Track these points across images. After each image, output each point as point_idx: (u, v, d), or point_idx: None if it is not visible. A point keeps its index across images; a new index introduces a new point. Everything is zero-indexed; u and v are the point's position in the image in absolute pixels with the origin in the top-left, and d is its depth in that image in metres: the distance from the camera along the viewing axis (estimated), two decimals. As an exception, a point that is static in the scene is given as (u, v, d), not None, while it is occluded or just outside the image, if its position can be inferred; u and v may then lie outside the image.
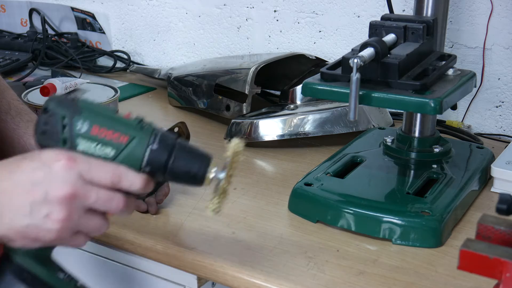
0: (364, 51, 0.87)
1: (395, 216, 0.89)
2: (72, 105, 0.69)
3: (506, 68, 1.27)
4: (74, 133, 0.68)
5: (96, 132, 0.68)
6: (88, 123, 0.68)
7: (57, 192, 0.67)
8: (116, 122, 0.69)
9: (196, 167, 0.71)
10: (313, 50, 1.46)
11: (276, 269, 0.83)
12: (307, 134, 1.18)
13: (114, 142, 0.68)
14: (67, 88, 1.21)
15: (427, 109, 0.87)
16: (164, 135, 0.71)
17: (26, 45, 1.72)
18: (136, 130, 0.69)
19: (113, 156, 0.69)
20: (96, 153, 0.69)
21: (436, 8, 1.04)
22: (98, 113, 0.69)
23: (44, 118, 0.69)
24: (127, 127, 0.69)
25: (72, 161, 0.67)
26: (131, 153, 0.69)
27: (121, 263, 0.95)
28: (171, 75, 1.46)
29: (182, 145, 0.71)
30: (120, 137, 0.68)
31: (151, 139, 0.69)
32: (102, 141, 0.68)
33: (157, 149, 0.69)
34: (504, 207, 0.61)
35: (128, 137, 0.69)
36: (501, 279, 0.59)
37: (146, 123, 0.71)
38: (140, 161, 0.69)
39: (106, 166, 0.69)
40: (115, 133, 0.68)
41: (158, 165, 0.69)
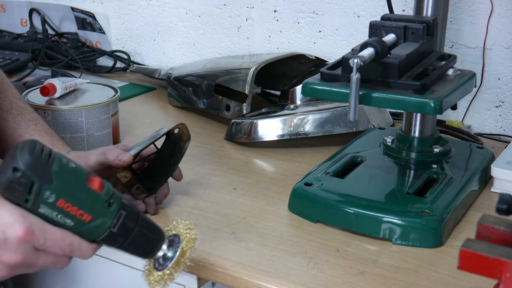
0: (364, 51, 0.87)
1: (395, 216, 0.89)
2: (45, 172, 0.67)
3: (506, 68, 1.27)
4: (39, 199, 0.67)
5: (61, 206, 0.68)
6: (55, 196, 0.67)
7: (6, 259, 0.68)
8: (85, 199, 0.69)
9: (147, 250, 0.74)
10: (313, 50, 1.46)
11: (276, 269, 0.83)
12: (307, 134, 1.18)
13: (77, 218, 0.69)
14: (67, 88, 1.21)
15: (427, 109, 0.87)
16: (128, 217, 0.71)
17: (26, 45, 1.72)
18: (102, 210, 0.70)
19: (71, 227, 0.69)
20: (55, 220, 0.68)
21: (436, 8, 1.04)
22: (69, 186, 0.68)
23: (11, 177, 0.66)
24: (94, 207, 0.69)
25: (29, 235, 0.67)
26: (90, 230, 0.70)
27: (121, 263, 0.95)
28: (171, 75, 1.46)
29: (141, 229, 0.72)
30: (84, 215, 0.69)
31: (113, 222, 0.70)
32: (64, 214, 0.68)
33: (116, 232, 0.70)
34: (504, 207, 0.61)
35: (92, 217, 0.69)
36: (501, 279, 0.59)
37: (114, 200, 0.71)
38: (96, 238, 0.71)
39: (61, 239, 0.69)
40: (80, 210, 0.68)
41: (113, 243, 0.71)
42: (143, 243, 0.73)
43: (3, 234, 0.67)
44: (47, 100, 1.16)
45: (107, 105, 1.17)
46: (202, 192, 1.02)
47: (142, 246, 0.73)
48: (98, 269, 0.99)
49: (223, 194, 1.03)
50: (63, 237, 0.69)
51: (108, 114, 1.17)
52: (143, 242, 0.73)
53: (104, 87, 1.26)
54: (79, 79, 1.31)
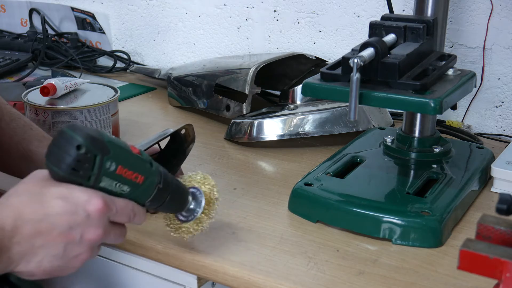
0: (364, 51, 0.87)
1: (395, 216, 0.89)
2: (102, 144, 0.70)
3: (506, 68, 1.27)
4: (102, 172, 0.70)
5: (120, 172, 0.71)
6: (115, 163, 0.71)
7: (91, 235, 0.71)
8: (136, 162, 0.73)
9: (182, 202, 0.81)
10: (313, 50, 1.46)
11: (276, 269, 0.83)
12: (307, 134, 1.18)
13: (132, 181, 0.73)
14: (67, 88, 1.21)
15: (427, 109, 0.87)
16: (166, 175, 0.77)
17: (26, 45, 1.72)
18: (148, 169, 0.74)
19: (128, 193, 0.73)
20: (114, 190, 0.72)
21: (436, 8, 1.04)
22: (122, 153, 0.72)
23: (76, 154, 0.68)
24: (143, 168, 0.74)
25: (106, 207, 0.71)
26: (143, 192, 0.74)
27: (121, 263, 0.95)
28: (171, 75, 1.46)
29: (175, 184, 0.79)
30: (138, 177, 0.73)
31: (158, 179, 0.75)
32: (123, 180, 0.72)
33: (162, 188, 0.76)
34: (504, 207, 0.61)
35: (144, 178, 0.74)
36: (501, 279, 0.59)
37: (153, 162, 0.76)
38: (147, 198, 0.75)
39: (126, 207, 0.74)
40: (135, 173, 0.73)
41: (159, 202, 0.77)
42: (179, 196, 0.79)
43: (84, 212, 0.69)
44: (47, 100, 1.16)
45: (107, 105, 1.17)
46: (202, 192, 1.02)
47: (179, 199, 0.79)
48: (98, 269, 0.99)
49: (223, 194, 1.02)
50: (126, 204, 0.73)
51: (108, 114, 1.17)
52: (179, 195, 0.79)
53: (104, 87, 1.26)
54: (79, 79, 1.31)
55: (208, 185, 0.83)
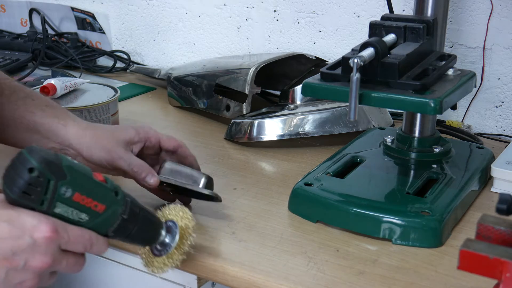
0: (364, 51, 0.87)
1: (395, 216, 0.89)
2: (58, 168, 0.67)
3: (506, 68, 1.27)
4: (56, 197, 0.67)
5: (77, 199, 0.69)
6: (71, 190, 0.68)
7: (37, 263, 0.68)
8: (96, 190, 0.70)
9: (151, 234, 0.77)
10: (313, 50, 1.46)
11: (276, 269, 0.83)
12: (307, 134, 1.18)
13: (91, 210, 0.70)
14: (67, 88, 1.21)
15: (427, 109, 0.87)
16: (133, 204, 0.74)
17: (26, 45, 1.73)
18: (111, 198, 0.71)
19: (87, 222, 0.70)
20: (70, 217, 0.69)
21: (436, 8, 1.04)
22: (81, 179, 0.69)
23: (28, 178, 0.65)
24: (105, 197, 0.71)
25: (55, 234, 0.68)
26: (104, 221, 0.71)
27: (121, 263, 0.95)
28: (171, 75, 1.46)
29: (145, 213, 0.75)
30: (98, 205, 0.70)
31: (122, 209, 0.72)
32: (80, 208, 0.69)
33: (127, 219, 0.73)
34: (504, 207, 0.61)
35: (105, 207, 0.71)
36: (501, 279, 0.59)
37: (117, 188, 0.73)
38: (108, 228, 0.72)
39: (81, 236, 0.70)
40: (94, 201, 0.70)
41: (123, 232, 0.73)
42: (148, 228, 0.76)
43: (30, 238, 0.66)
44: (47, 100, 1.16)
45: (107, 105, 1.17)
46: (202, 192, 1.02)
47: (147, 231, 0.76)
48: (98, 269, 0.99)
49: (223, 194, 1.02)
50: (82, 233, 0.70)
51: (108, 114, 1.17)
52: (148, 227, 0.76)
53: (104, 87, 1.26)
54: (79, 79, 1.31)
55: (186, 219, 0.79)
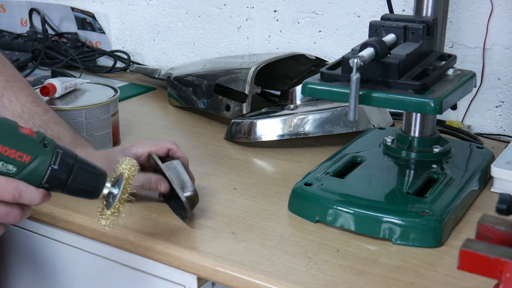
0: (364, 51, 0.87)
1: (395, 216, 0.89)
2: None
3: (506, 68, 1.27)
4: None
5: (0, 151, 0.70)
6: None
7: None
8: (20, 141, 0.72)
9: (93, 183, 0.75)
10: (313, 50, 1.47)
11: (276, 269, 0.83)
12: (307, 134, 1.18)
13: (16, 160, 0.71)
14: (67, 88, 1.21)
15: (427, 109, 0.87)
16: (65, 155, 0.74)
17: (26, 45, 1.73)
18: (38, 149, 0.72)
19: (15, 173, 0.72)
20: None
21: (436, 8, 1.04)
22: (2, 132, 0.71)
23: None
24: (30, 147, 0.72)
25: None
26: (32, 172, 0.72)
27: (121, 263, 0.95)
28: (171, 75, 1.46)
29: (81, 164, 0.75)
30: (23, 156, 0.71)
31: (52, 159, 0.73)
32: (4, 159, 0.71)
33: (58, 169, 0.73)
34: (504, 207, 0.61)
35: (31, 157, 0.72)
36: (501, 279, 0.59)
37: (48, 141, 0.73)
38: (40, 179, 0.72)
39: (7, 184, 0.71)
40: (18, 152, 0.71)
41: (57, 183, 0.73)
42: (87, 180, 0.75)
43: None
44: (47, 100, 1.16)
45: (107, 105, 1.17)
46: (202, 192, 1.02)
47: (86, 183, 0.75)
48: (98, 269, 0.99)
49: (223, 194, 1.03)
50: (8, 182, 0.71)
51: (108, 114, 1.17)
52: (86, 178, 0.75)
53: (104, 87, 1.26)
54: (79, 79, 1.31)
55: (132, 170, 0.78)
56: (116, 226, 0.91)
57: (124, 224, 0.92)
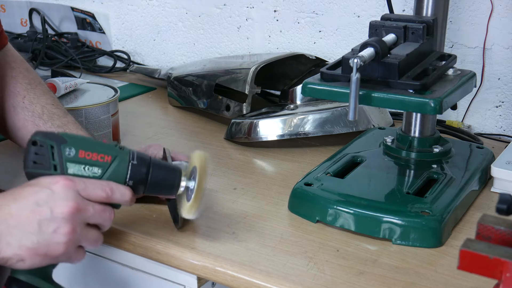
0: (364, 51, 0.87)
1: (395, 216, 0.89)
2: (57, 136, 0.78)
3: (506, 68, 1.27)
4: (64, 158, 0.78)
5: (83, 155, 0.78)
6: (74, 148, 0.78)
7: (61, 209, 0.75)
8: (98, 145, 0.80)
9: (171, 177, 0.82)
10: (313, 50, 1.47)
11: (276, 269, 0.83)
12: (307, 134, 1.18)
13: (100, 162, 0.78)
14: (67, 88, 1.21)
15: (427, 109, 0.87)
16: (140, 153, 0.82)
17: (26, 45, 1.72)
18: (116, 150, 0.80)
19: (101, 174, 0.79)
20: (85, 174, 0.78)
21: (436, 8, 1.04)
22: (80, 140, 0.80)
23: (34, 149, 0.77)
24: (109, 149, 0.79)
25: (70, 181, 0.76)
26: (116, 170, 0.79)
27: (121, 263, 0.95)
28: (171, 75, 1.46)
29: (156, 160, 0.82)
30: (105, 157, 0.79)
31: (130, 156, 0.80)
32: (89, 163, 0.78)
33: (137, 164, 0.80)
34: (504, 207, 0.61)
35: (111, 157, 0.79)
36: (501, 279, 0.59)
37: (121, 145, 0.81)
38: (124, 176, 0.80)
39: (98, 182, 0.78)
40: (99, 154, 0.78)
41: (140, 178, 0.80)
42: (164, 174, 0.82)
43: (49, 189, 0.75)
44: (47, 100, 1.16)
45: (107, 105, 1.17)
46: (202, 192, 1.02)
47: (165, 177, 0.82)
48: (98, 269, 0.99)
49: (223, 194, 1.03)
50: (99, 182, 0.78)
51: (108, 114, 1.17)
52: (164, 172, 0.82)
53: (104, 87, 1.26)
54: (79, 79, 1.31)
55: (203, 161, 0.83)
56: (116, 226, 0.91)
57: (124, 224, 0.92)
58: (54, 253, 0.75)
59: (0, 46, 1.04)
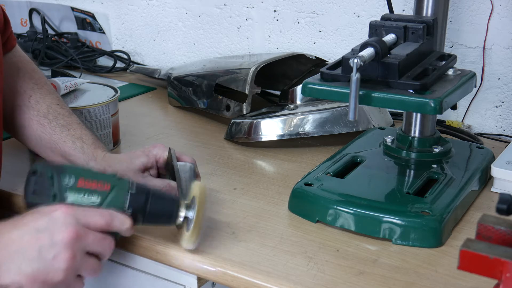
0: (364, 51, 0.87)
1: (395, 216, 0.89)
2: (57, 166, 0.80)
3: (506, 68, 1.27)
4: (63, 187, 0.78)
5: (82, 184, 0.79)
6: (74, 177, 0.79)
7: (61, 235, 0.75)
8: (98, 174, 0.80)
9: (169, 207, 0.82)
10: (313, 50, 1.47)
11: (276, 269, 0.83)
12: (307, 134, 1.18)
13: (98, 190, 0.79)
14: (67, 88, 1.21)
15: (427, 109, 0.87)
16: (139, 183, 0.82)
17: (26, 45, 1.72)
18: (115, 179, 0.81)
19: (99, 203, 0.79)
20: (84, 203, 0.79)
21: (436, 8, 1.04)
22: (80, 169, 0.81)
23: (34, 179, 0.78)
24: (108, 178, 0.80)
25: (69, 208, 0.77)
26: (115, 198, 0.80)
27: (121, 263, 0.95)
28: (171, 75, 1.46)
29: (156, 190, 0.83)
30: (104, 185, 0.79)
31: (129, 186, 0.81)
32: (88, 191, 0.79)
33: (136, 193, 0.81)
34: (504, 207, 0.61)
35: (110, 185, 0.80)
36: (501, 279, 0.59)
37: (120, 175, 0.82)
38: (123, 205, 0.80)
39: (98, 210, 0.79)
40: (98, 183, 0.79)
41: (139, 207, 0.81)
42: (163, 204, 0.82)
43: (48, 216, 0.75)
44: (47, 100, 1.16)
45: (107, 105, 1.17)
46: (202, 192, 1.02)
47: (163, 207, 0.82)
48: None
49: (223, 194, 1.03)
50: (98, 210, 0.79)
51: (108, 114, 1.17)
52: (162, 202, 0.82)
53: (104, 87, 1.26)
54: (79, 79, 1.31)
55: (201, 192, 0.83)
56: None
57: (124, 224, 0.92)
58: (53, 280, 0.75)
59: (9, 48, 1.05)
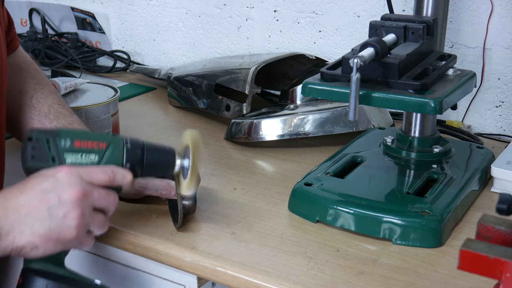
0: (364, 51, 0.87)
1: (395, 216, 0.89)
2: (50, 131, 0.82)
3: (506, 68, 1.27)
4: (60, 150, 0.81)
5: (78, 145, 0.81)
6: (69, 140, 0.81)
7: (68, 194, 0.77)
8: (92, 135, 0.84)
9: (166, 157, 0.85)
10: (313, 50, 1.47)
11: (276, 269, 0.83)
12: (307, 134, 1.18)
13: (95, 149, 0.82)
14: (67, 88, 1.21)
15: (427, 109, 0.87)
16: (133, 138, 0.84)
17: (26, 45, 1.72)
18: (110, 137, 0.83)
19: (98, 161, 0.82)
20: (83, 162, 0.81)
21: (436, 8, 1.04)
22: (74, 131, 0.84)
23: (30, 145, 0.81)
24: (102, 137, 0.83)
25: (72, 168, 0.79)
26: (112, 155, 0.82)
27: (121, 263, 0.95)
28: (171, 75, 1.46)
29: (149, 143, 0.85)
30: (100, 144, 0.82)
31: (124, 141, 0.83)
32: (85, 151, 0.81)
33: (131, 147, 0.83)
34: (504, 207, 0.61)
35: (106, 143, 0.82)
36: (501, 279, 0.59)
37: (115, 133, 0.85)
38: (121, 160, 0.82)
39: (100, 167, 0.81)
40: (94, 142, 0.82)
41: (136, 160, 0.83)
42: (159, 155, 0.85)
43: (52, 177, 0.78)
44: (47, 100, 1.16)
45: (107, 105, 1.17)
46: (202, 192, 1.02)
47: (160, 157, 0.85)
48: (98, 270, 0.99)
49: (223, 194, 1.03)
50: (100, 166, 0.81)
51: (108, 114, 1.17)
52: (158, 153, 0.85)
53: (104, 87, 1.26)
54: (79, 79, 1.31)
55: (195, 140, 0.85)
56: (116, 226, 0.91)
57: (124, 224, 0.92)
58: (67, 238, 0.77)
59: (13, 49, 1.06)
